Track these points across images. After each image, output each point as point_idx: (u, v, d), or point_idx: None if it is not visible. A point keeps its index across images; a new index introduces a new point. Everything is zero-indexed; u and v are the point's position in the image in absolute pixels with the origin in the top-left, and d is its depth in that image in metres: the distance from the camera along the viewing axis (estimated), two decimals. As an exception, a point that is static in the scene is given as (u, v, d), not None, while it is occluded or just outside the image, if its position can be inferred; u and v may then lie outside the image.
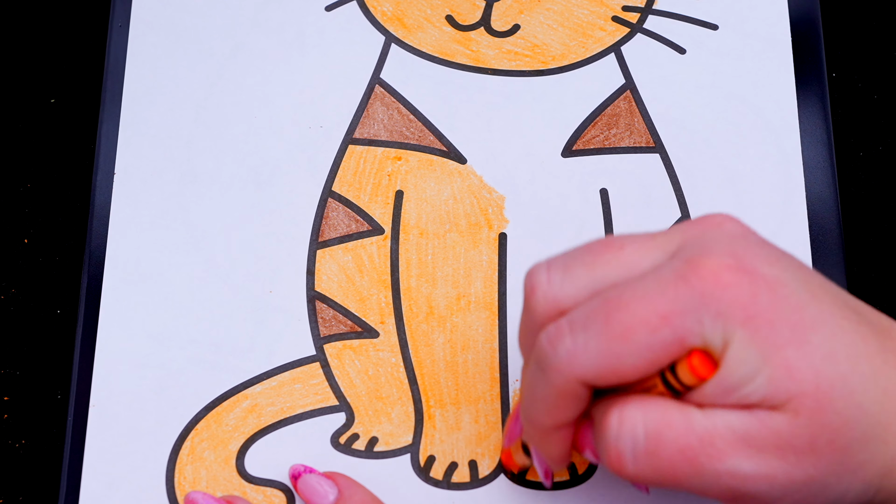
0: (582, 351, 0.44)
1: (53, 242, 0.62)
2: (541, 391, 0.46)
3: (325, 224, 0.59)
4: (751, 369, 0.43)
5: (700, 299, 0.43)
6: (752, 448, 0.43)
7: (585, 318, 0.44)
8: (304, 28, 0.63)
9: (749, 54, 0.62)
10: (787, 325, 0.43)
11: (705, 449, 0.43)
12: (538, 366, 0.46)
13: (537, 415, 0.47)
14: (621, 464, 0.45)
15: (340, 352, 0.57)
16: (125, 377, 0.57)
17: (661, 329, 0.43)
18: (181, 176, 0.60)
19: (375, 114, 0.61)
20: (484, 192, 0.60)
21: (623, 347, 0.43)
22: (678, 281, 0.43)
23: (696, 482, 0.44)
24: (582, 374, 0.44)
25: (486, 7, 0.63)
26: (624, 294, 0.44)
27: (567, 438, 0.48)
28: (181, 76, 0.62)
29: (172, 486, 0.55)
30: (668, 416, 0.44)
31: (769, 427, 0.43)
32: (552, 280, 0.46)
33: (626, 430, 0.44)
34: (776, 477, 0.43)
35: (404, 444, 0.56)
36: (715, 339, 0.43)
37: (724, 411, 0.43)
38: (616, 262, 0.45)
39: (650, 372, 0.44)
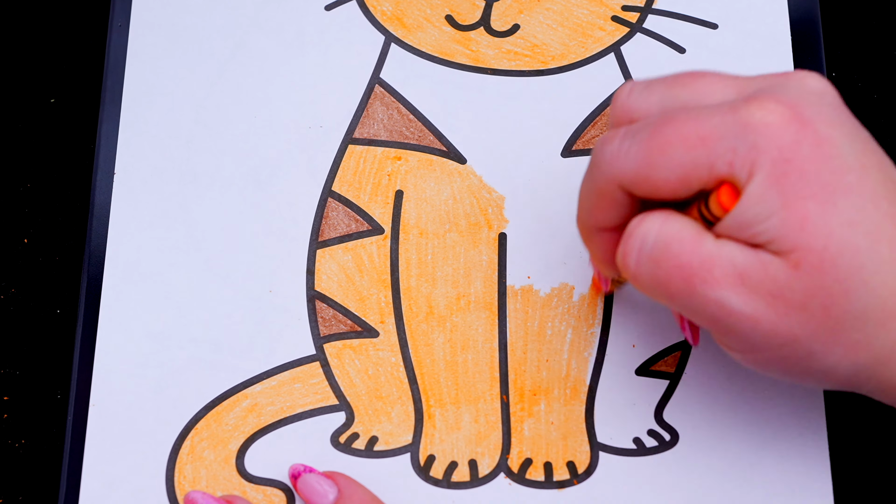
0: (624, 154, 0.46)
1: (53, 242, 0.62)
2: (586, 189, 0.49)
3: (325, 224, 0.59)
4: (766, 209, 0.43)
5: (740, 129, 0.43)
6: (745, 286, 0.44)
7: (639, 127, 0.46)
8: (304, 28, 0.63)
9: (749, 54, 0.62)
10: (818, 181, 0.43)
11: (702, 272, 0.44)
12: (590, 165, 0.48)
13: (583, 213, 0.50)
14: (626, 261, 0.47)
15: (340, 351, 0.57)
16: (125, 377, 0.57)
17: (696, 148, 0.44)
18: (181, 176, 0.60)
19: (375, 114, 0.61)
20: (484, 191, 0.60)
21: (659, 159, 0.45)
22: (728, 111, 0.44)
23: (686, 301, 0.45)
24: (619, 175, 0.46)
25: (486, 7, 0.63)
26: (679, 113, 0.45)
27: (608, 243, 0.49)
28: (181, 76, 0.62)
29: (172, 485, 0.55)
30: (683, 231, 0.45)
31: (767, 270, 0.43)
32: (633, 91, 0.48)
33: (640, 231, 0.46)
34: (760, 322, 0.44)
35: (404, 443, 0.56)
36: (742, 170, 0.43)
37: (734, 244, 0.44)
38: (692, 87, 0.47)
39: (682, 191, 0.45)
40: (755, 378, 0.56)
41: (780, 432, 0.55)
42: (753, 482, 0.55)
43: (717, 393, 0.56)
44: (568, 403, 0.56)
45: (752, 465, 0.55)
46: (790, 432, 0.56)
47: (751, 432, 0.56)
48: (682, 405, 0.56)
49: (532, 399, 0.56)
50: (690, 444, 0.56)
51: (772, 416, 0.56)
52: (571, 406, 0.56)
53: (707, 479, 0.55)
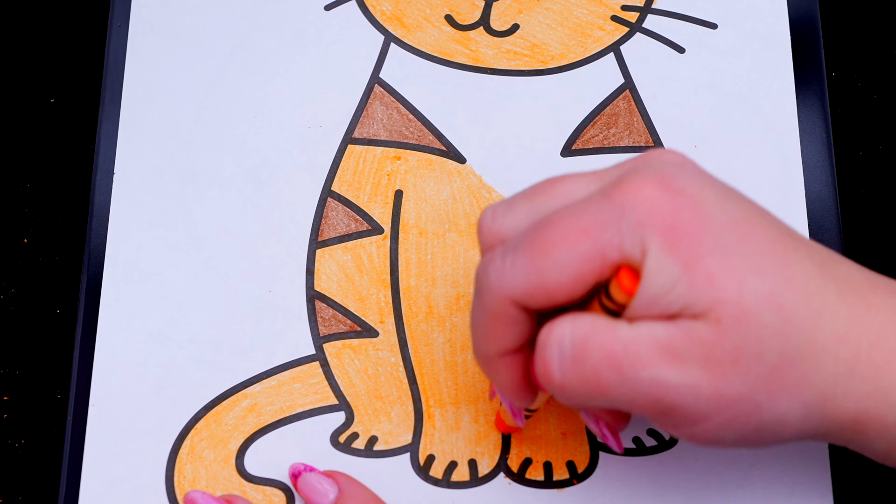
0: (509, 269, 0.45)
1: (53, 242, 0.62)
2: (478, 316, 0.47)
3: (325, 223, 0.59)
4: (669, 277, 0.43)
5: (620, 211, 0.43)
6: (675, 357, 0.43)
7: (516, 241, 0.45)
8: (304, 28, 0.63)
9: (748, 53, 0.62)
10: (709, 238, 0.43)
11: (629, 356, 0.43)
12: (475, 291, 0.47)
13: (478, 342, 0.48)
14: (548, 372, 0.45)
15: (340, 351, 0.57)
16: (125, 376, 0.57)
17: (581, 242, 0.43)
18: (181, 175, 0.60)
19: (375, 113, 0.61)
20: (483, 191, 0.60)
21: (546, 262, 0.44)
22: (602, 199, 0.44)
23: (621, 391, 0.44)
24: (510, 292, 0.45)
25: (486, 7, 0.63)
26: (552, 216, 0.45)
27: (513, 369, 0.48)
28: (181, 76, 0.62)
29: (172, 485, 0.55)
30: (596, 325, 0.44)
31: (691, 336, 0.43)
32: (496, 215, 0.47)
33: (553, 339, 0.45)
34: (701, 388, 0.43)
35: (404, 443, 0.56)
36: (634, 250, 0.43)
37: (650, 322, 0.43)
38: (554, 193, 0.46)
39: (578, 289, 0.44)
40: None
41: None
42: (753, 482, 0.55)
43: (717, 393, 0.56)
44: (567, 403, 0.56)
45: (752, 465, 0.55)
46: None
47: (750, 432, 0.56)
48: (681, 405, 0.56)
49: (532, 399, 0.56)
50: (690, 444, 0.56)
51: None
52: (571, 406, 0.56)
53: (707, 479, 0.55)
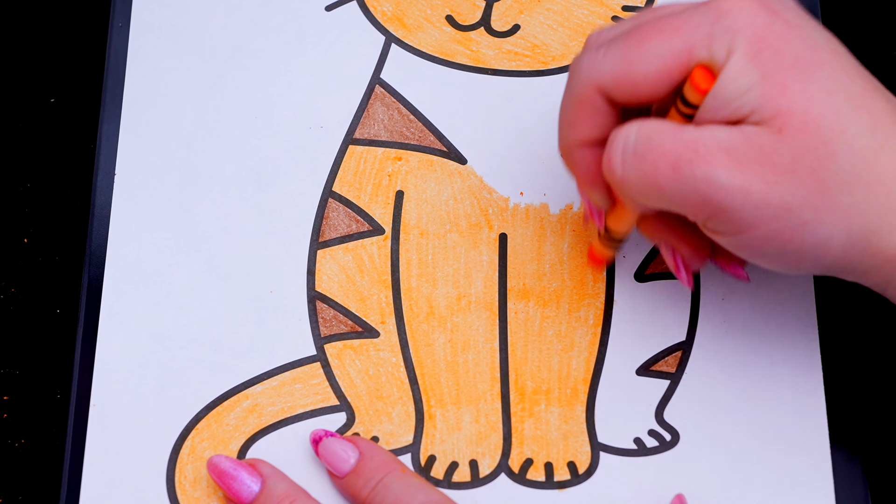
0: (601, 58, 0.48)
1: (53, 242, 0.62)
2: (566, 102, 0.50)
3: (326, 224, 0.59)
4: (746, 82, 0.45)
5: (715, 15, 0.45)
6: (732, 159, 0.45)
7: (613, 34, 0.48)
8: (305, 28, 0.63)
9: (749, 54, 0.62)
10: (793, 55, 0.45)
11: (687, 153, 0.45)
12: (568, 79, 0.50)
13: (563, 129, 0.50)
14: (611, 166, 0.47)
15: (341, 352, 0.57)
16: (126, 377, 0.57)
17: (673, 37, 0.46)
18: (182, 176, 0.60)
19: (376, 114, 0.61)
20: (484, 192, 0.60)
21: (637, 54, 0.47)
22: (700, 5, 0.46)
23: (675, 187, 0.46)
24: (600, 79, 0.48)
25: (486, 7, 0.63)
26: (651, 13, 0.48)
27: (591, 161, 0.50)
28: (182, 76, 0.62)
29: (173, 485, 0.55)
30: (662, 126, 0.46)
31: (752, 140, 0.44)
32: (602, 30, 0.50)
33: (621, 135, 0.47)
34: (751, 192, 0.45)
35: (405, 443, 0.56)
36: (720, 51, 0.45)
37: (715, 126, 0.45)
38: (659, 11, 0.49)
39: (662, 85, 0.46)
40: (756, 378, 0.56)
41: (781, 432, 0.56)
42: (754, 482, 0.55)
43: (718, 393, 0.56)
44: (568, 404, 0.56)
45: (753, 465, 0.55)
46: (791, 432, 0.56)
47: (752, 432, 0.56)
48: (682, 405, 0.56)
49: (532, 399, 0.56)
50: (691, 445, 0.56)
51: (773, 416, 0.56)
52: (572, 406, 0.56)
53: (708, 479, 0.55)
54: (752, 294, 0.58)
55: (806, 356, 0.57)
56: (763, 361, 0.57)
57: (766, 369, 0.56)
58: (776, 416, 0.56)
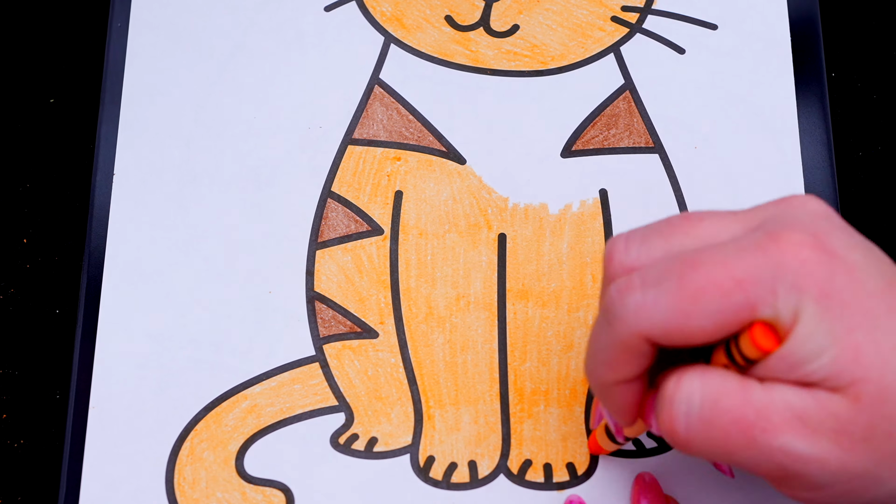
0: (651, 305, 0.43)
1: (53, 242, 0.62)
2: (604, 343, 0.46)
3: (325, 224, 0.59)
4: (817, 346, 0.42)
5: (777, 269, 0.42)
6: (807, 428, 0.43)
7: (659, 274, 0.44)
8: (304, 28, 0.63)
9: (748, 54, 0.62)
10: (860, 310, 0.42)
11: (760, 422, 0.43)
12: (605, 317, 0.45)
13: (598, 367, 0.47)
14: (673, 428, 0.44)
15: (340, 352, 0.57)
16: (125, 377, 0.57)
17: (734, 293, 0.42)
18: (180, 176, 0.60)
19: (375, 114, 0.61)
20: (483, 192, 0.60)
21: (693, 307, 0.43)
22: (757, 250, 0.43)
23: (747, 455, 0.44)
24: (648, 329, 0.44)
25: (486, 7, 0.63)
26: (701, 256, 0.43)
27: (629, 396, 0.47)
28: (181, 76, 0.62)
29: (172, 486, 0.55)
30: (727, 384, 0.43)
31: (828, 409, 0.42)
32: (629, 249, 0.46)
33: (682, 395, 0.44)
34: (829, 461, 0.43)
35: (404, 444, 0.56)
36: (786, 312, 0.42)
37: (784, 387, 0.43)
38: (694, 234, 0.45)
39: (716, 337, 0.43)
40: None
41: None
42: (753, 483, 0.55)
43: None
44: (567, 404, 0.56)
45: (752, 466, 0.55)
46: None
47: (750, 433, 0.56)
48: (681, 406, 0.56)
49: (531, 400, 0.56)
50: (690, 445, 0.56)
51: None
52: (571, 407, 0.56)
53: (707, 480, 0.55)
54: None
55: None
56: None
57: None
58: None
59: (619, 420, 0.49)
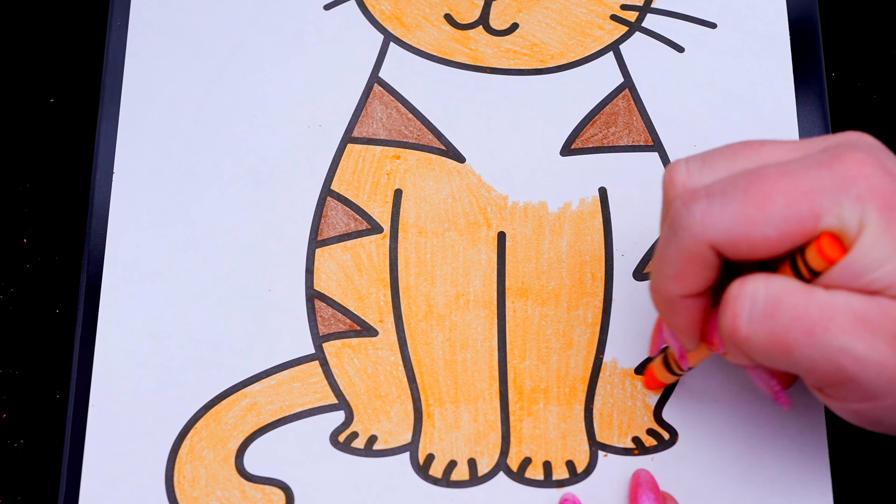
0: (718, 212, 0.44)
1: (52, 242, 0.62)
2: (671, 255, 0.46)
3: (324, 223, 0.59)
4: (881, 255, 0.43)
5: (842, 182, 0.43)
6: (868, 331, 0.43)
7: (725, 185, 0.44)
8: (303, 27, 0.63)
9: (748, 53, 0.62)
10: None
11: (823, 320, 0.43)
12: (671, 228, 0.46)
13: (665, 281, 0.47)
14: (736, 324, 0.45)
15: (339, 350, 0.57)
16: (124, 376, 0.57)
17: (799, 202, 0.43)
18: (180, 175, 0.60)
19: (374, 112, 0.61)
20: (483, 190, 0.60)
21: (759, 215, 0.43)
22: (822, 165, 0.44)
23: (807, 354, 0.44)
24: (714, 237, 0.44)
25: (485, 6, 0.63)
26: (767, 169, 0.44)
27: (695, 312, 0.47)
28: (180, 75, 0.62)
29: (172, 485, 0.55)
30: (791, 286, 0.44)
31: (889, 315, 0.43)
32: (691, 171, 0.46)
33: (746, 292, 0.44)
34: (886, 366, 0.44)
35: (403, 442, 0.56)
36: (851, 221, 0.43)
37: (848, 293, 0.44)
38: (756, 156, 0.46)
39: (781, 247, 0.44)
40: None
41: (780, 431, 0.55)
42: (753, 482, 0.55)
43: (717, 392, 0.56)
44: (567, 402, 0.56)
45: (752, 465, 0.55)
46: (790, 431, 0.55)
47: (750, 431, 0.56)
48: (681, 404, 0.56)
49: (531, 398, 0.56)
50: (690, 444, 0.56)
51: (771, 415, 0.56)
52: (570, 405, 0.56)
53: (706, 479, 0.55)
54: (751, 292, 0.58)
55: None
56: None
57: (764, 368, 0.56)
58: (774, 416, 0.56)
59: (685, 340, 0.49)
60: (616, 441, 0.56)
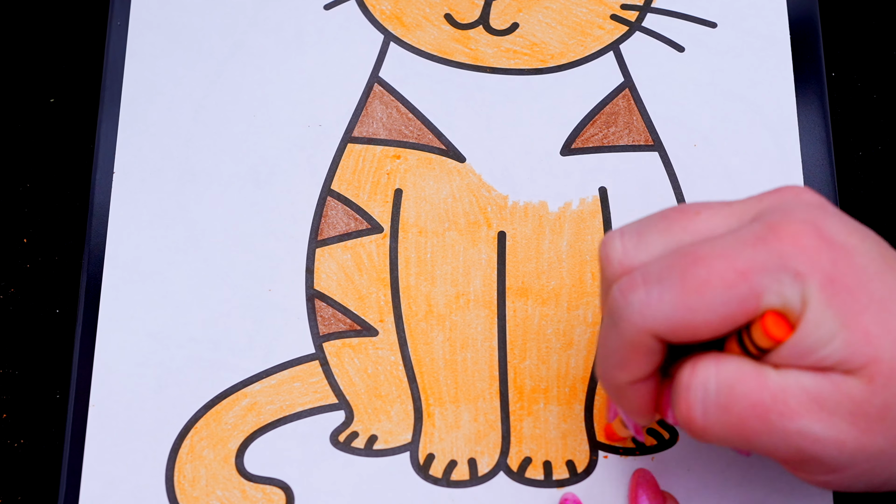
0: (656, 302, 0.43)
1: (53, 242, 0.62)
2: (613, 344, 0.46)
3: (325, 222, 0.59)
4: (828, 332, 0.42)
5: (780, 259, 0.43)
6: (824, 410, 0.43)
7: (660, 270, 0.44)
8: (303, 27, 0.63)
9: (748, 52, 0.62)
10: (865, 293, 0.43)
11: (777, 406, 0.43)
12: (611, 318, 0.45)
13: (610, 370, 0.47)
14: (691, 416, 0.44)
15: (340, 350, 0.57)
16: (124, 376, 0.57)
17: (738, 285, 0.43)
18: (180, 175, 0.60)
19: (374, 112, 0.61)
20: (483, 190, 0.60)
21: (698, 301, 0.43)
22: (757, 241, 0.43)
23: (765, 440, 0.44)
24: (654, 326, 0.44)
25: (485, 5, 0.63)
26: (702, 250, 0.43)
27: (644, 395, 0.47)
28: (180, 75, 0.62)
29: (172, 484, 0.55)
30: (742, 370, 0.44)
31: (843, 391, 0.43)
32: (626, 247, 0.46)
33: (697, 381, 0.44)
34: (846, 443, 0.43)
35: (403, 442, 0.56)
36: (793, 300, 0.43)
37: (799, 372, 0.43)
38: (692, 228, 0.45)
39: (723, 330, 0.43)
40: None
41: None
42: (753, 482, 0.55)
43: (717, 391, 0.56)
44: (567, 402, 0.56)
45: (752, 465, 0.55)
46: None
47: (750, 431, 0.56)
48: (681, 404, 0.56)
49: (531, 398, 0.56)
50: (689, 444, 0.56)
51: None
52: (571, 405, 0.56)
53: (706, 479, 0.55)
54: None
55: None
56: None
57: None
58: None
59: (638, 419, 0.49)
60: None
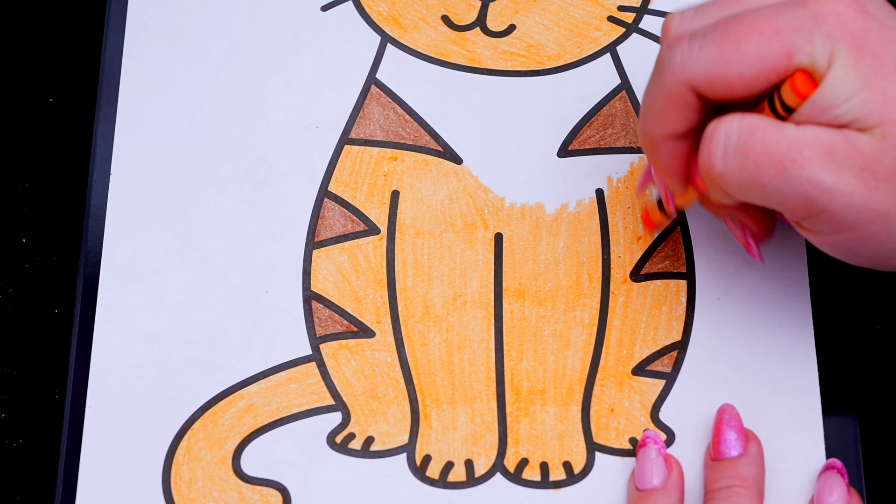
0: (696, 54, 0.47)
1: (50, 242, 0.62)
2: (654, 96, 0.49)
3: (321, 224, 0.59)
4: (848, 90, 0.45)
5: (814, 20, 0.46)
6: (835, 162, 0.45)
7: (706, 29, 0.48)
8: (300, 28, 0.63)
9: (745, 54, 0.62)
10: (890, 60, 0.45)
11: (791, 153, 0.46)
12: (656, 71, 0.49)
13: (649, 122, 0.50)
14: (711, 161, 0.48)
15: (336, 351, 0.57)
16: (122, 377, 0.57)
17: (772, 41, 0.46)
18: (177, 176, 0.60)
19: (371, 114, 0.61)
20: (480, 192, 0.60)
21: (734, 54, 0.47)
22: (797, 5, 0.47)
23: (778, 186, 0.46)
24: (692, 77, 0.48)
25: (482, 7, 0.63)
26: (745, 14, 0.47)
27: (677, 153, 0.51)
28: (177, 76, 0.62)
29: (169, 486, 0.55)
30: (763, 122, 0.47)
31: (855, 146, 0.45)
32: (684, 18, 0.49)
33: (721, 129, 0.47)
34: (853, 196, 0.46)
35: (400, 443, 0.56)
36: (821, 58, 0.45)
37: (816, 127, 0.46)
38: (745, 3, 0.48)
39: (756, 86, 0.47)
40: (751, 378, 0.56)
41: (777, 431, 0.55)
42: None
43: (714, 392, 0.56)
44: (564, 403, 0.56)
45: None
46: (786, 431, 0.56)
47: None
48: (678, 405, 0.56)
49: (528, 399, 0.56)
50: (687, 444, 0.56)
51: (768, 416, 0.56)
52: (567, 406, 0.56)
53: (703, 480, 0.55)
54: (748, 294, 0.58)
55: (801, 356, 0.57)
56: (758, 361, 0.57)
57: (761, 369, 0.56)
58: (771, 416, 0.56)
59: (670, 181, 0.52)
60: (613, 442, 0.56)
